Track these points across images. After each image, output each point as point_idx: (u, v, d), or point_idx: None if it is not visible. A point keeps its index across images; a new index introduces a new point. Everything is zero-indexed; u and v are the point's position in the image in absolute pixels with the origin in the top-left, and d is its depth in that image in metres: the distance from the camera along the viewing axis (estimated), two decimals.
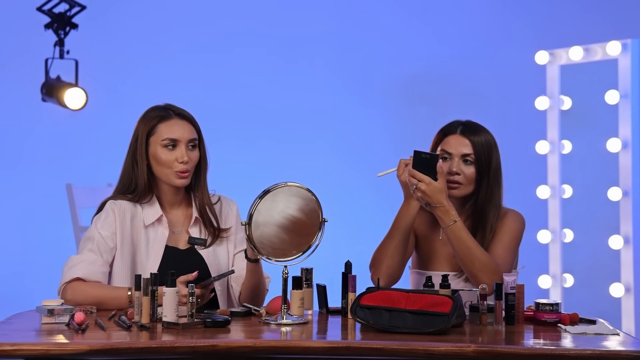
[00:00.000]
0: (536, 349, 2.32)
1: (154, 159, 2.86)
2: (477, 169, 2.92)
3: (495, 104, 5.54)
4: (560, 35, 5.31)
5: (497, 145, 2.98)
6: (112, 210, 2.85)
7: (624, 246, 4.78)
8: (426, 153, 2.82)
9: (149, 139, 2.86)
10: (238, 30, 5.91)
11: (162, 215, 2.88)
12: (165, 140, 2.85)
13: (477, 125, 2.99)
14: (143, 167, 2.86)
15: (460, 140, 2.93)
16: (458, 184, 2.92)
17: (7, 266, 5.71)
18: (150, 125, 2.87)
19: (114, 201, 2.87)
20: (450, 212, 2.82)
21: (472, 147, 2.92)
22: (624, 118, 4.80)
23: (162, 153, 2.84)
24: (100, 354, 2.23)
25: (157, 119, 2.87)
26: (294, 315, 2.61)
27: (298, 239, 2.63)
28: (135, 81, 5.82)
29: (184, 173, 2.85)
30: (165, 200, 2.92)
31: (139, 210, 2.87)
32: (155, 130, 2.86)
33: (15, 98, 5.81)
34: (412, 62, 5.84)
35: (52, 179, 5.68)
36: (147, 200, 2.88)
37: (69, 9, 5.09)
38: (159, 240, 2.86)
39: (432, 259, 2.99)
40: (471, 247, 2.81)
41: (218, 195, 3.00)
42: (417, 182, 2.80)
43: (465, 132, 2.94)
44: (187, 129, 2.87)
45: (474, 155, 2.92)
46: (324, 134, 5.88)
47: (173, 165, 2.84)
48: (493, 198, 2.93)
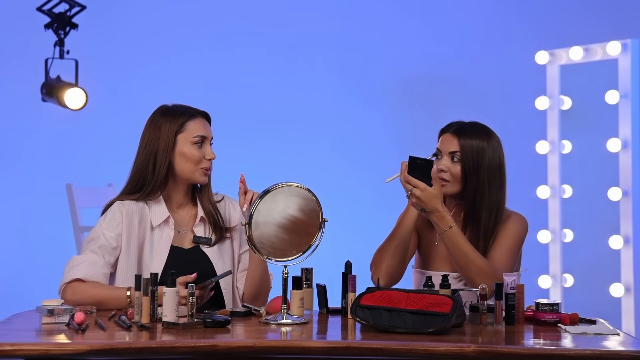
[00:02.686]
0: (536, 349, 2.32)
1: (181, 156, 2.88)
2: (462, 167, 2.92)
3: (495, 104, 5.53)
4: (560, 35, 5.31)
5: (498, 147, 2.96)
6: (120, 211, 2.85)
7: (624, 246, 4.78)
8: (421, 159, 2.81)
9: (177, 137, 2.89)
10: (238, 30, 5.91)
11: (169, 216, 2.89)
12: (197, 137, 2.89)
13: (476, 127, 2.97)
14: (164, 164, 2.87)
15: (450, 139, 2.94)
16: (445, 181, 2.92)
17: (7, 266, 5.71)
18: (179, 122, 2.89)
19: (121, 202, 2.87)
20: (446, 218, 2.81)
21: (459, 144, 2.92)
22: (624, 118, 4.80)
23: (193, 149, 2.88)
24: (100, 354, 2.23)
25: (186, 117, 2.91)
26: (294, 315, 2.61)
27: (298, 239, 2.63)
28: (135, 81, 5.82)
29: (209, 170, 2.92)
30: (174, 200, 2.93)
31: (147, 211, 2.87)
32: (184, 128, 2.89)
33: (15, 98, 5.80)
34: (412, 62, 5.84)
35: (52, 179, 5.68)
36: (154, 198, 2.88)
37: (69, 9, 5.09)
38: (164, 241, 2.87)
39: (434, 259, 2.99)
40: (467, 253, 2.81)
41: (222, 195, 3.02)
42: (412, 188, 2.80)
43: (457, 132, 2.94)
44: (209, 128, 2.96)
45: (460, 154, 2.92)
46: (324, 134, 5.88)
47: (201, 162, 2.88)
48: (484, 198, 2.91)
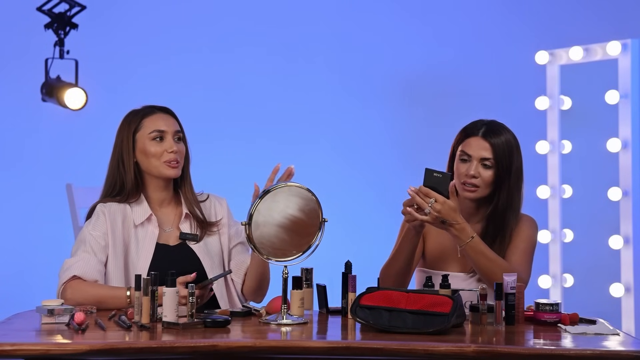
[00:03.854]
0: (536, 349, 2.32)
1: (142, 154, 2.90)
2: (496, 172, 2.87)
3: (495, 104, 5.53)
4: (560, 35, 5.31)
5: (520, 148, 2.93)
6: (103, 212, 2.88)
7: (624, 246, 4.77)
8: (438, 172, 2.73)
9: (135, 136, 2.92)
10: (238, 30, 5.90)
11: (151, 214, 2.90)
12: (153, 133, 2.90)
13: (500, 126, 2.93)
14: (130, 165, 2.91)
15: (481, 144, 2.88)
16: (475, 187, 2.87)
17: (7, 266, 5.71)
18: (135, 122, 2.93)
19: (103, 204, 2.91)
20: (467, 230, 2.76)
21: (492, 150, 2.86)
22: (624, 118, 4.80)
23: (151, 146, 2.89)
24: (100, 354, 2.23)
25: (141, 116, 2.94)
26: (294, 315, 2.61)
27: (298, 239, 2.63)
28: (135, 81, 5.81)
29: (174, 162, 2.89)
30: (154, 198, 2.94)
31: (129, 211, 2.90)
32: (141, 126, 2.92)
33: (15, 98, 5.80)
34: (412, 63, 5.83)
35: (52, 179, 5.68)
36: (135, 199, 2.90)
37: (69, 9, 5.09)
38: (149, 239, 2.88)
39: (441, 259, 2.97)
40: (493, 259, 2.78)
41: (207, 194, 3.05)
42: (432, 201, 2.72)
43: (487, 135, 2.88)
44: (171, 121, 2.94)
45: (493, 160, 2.86)
46: (324, 134, 5.87)
47: (163, 156, 2.89)
48: (513, 203, 2.89)
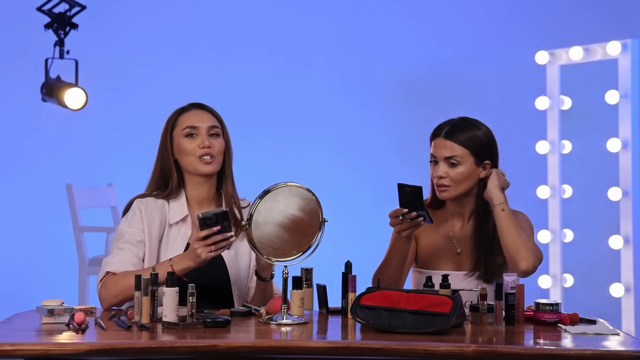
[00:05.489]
0: (536, 349, 2.32)
1: (178, 152, 2.89)
2: (471, 167, 2.89)
3: (495, 104, 5.54)
4: (560, 35, 5.31)
5: (495, 140, 2.93)
6: (139, 208, 2.86)
7: (624, 246, 4.78)
8: (410, 186, 2.73)
9: (172, 134, 2.91)
10: (238, 30, 5.91)
11: (187, 215, 2.89)
12: (186, 129, 2.88)
13: (468, 122, 2.93)
14: (170, 163, 2.89)
15: (443, 143, 2.90)
16: (445, 186, 2.90)
17: (7, 266, 5.72)
18: (172, 120, 2.92)
19: (140, 200, 2.89)
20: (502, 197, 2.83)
21: (458, 147, 2.88)
22: (624, 118, 4.80)
23: (185, 142, 2.88)
24: (100, 354, 2.23)
25: (177, 113, 2.93)
26: (294, 315, 2.61)
27: (298, 238, 2.62)
28: (135, 81, 5.82)
29: (207, 157, 2.86)
30: (193, 196, 2.92)
31: (166, 208, 2.88)
32: (176, 123, 2.91)
33: (15, 98, 5.81)
34: (412, 63, 5.84)
35: (52, 179, 5.69)
36: (175, 196, 2.89)
37: (69, 9, 5.09)
38: (180, 239, 2.86)
39: (434, 259, 2.98)
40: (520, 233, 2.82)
41: (248, 201, 2.98)
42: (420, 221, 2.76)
43: (449, 134, 2.90)
44: (205, 117, 2.91)
45: (460, 157, 2.87)
46: (324, 134, 5.88)
47: (196, 152, 2.86)
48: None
